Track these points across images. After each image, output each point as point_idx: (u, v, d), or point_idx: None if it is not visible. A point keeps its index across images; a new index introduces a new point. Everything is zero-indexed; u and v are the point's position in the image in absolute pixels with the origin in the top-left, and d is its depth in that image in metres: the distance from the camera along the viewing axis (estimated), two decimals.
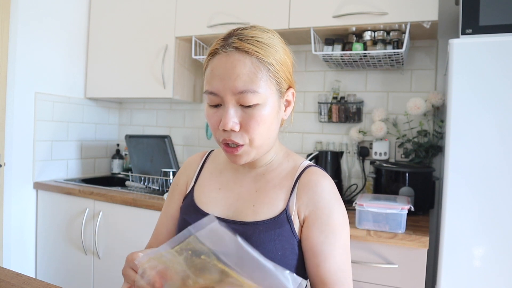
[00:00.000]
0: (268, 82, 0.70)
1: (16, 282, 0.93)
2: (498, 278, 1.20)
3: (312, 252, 0.73)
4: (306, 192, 0.75)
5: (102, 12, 2.38)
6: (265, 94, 0.70)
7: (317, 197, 0.74)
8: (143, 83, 2.23)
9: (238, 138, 0.71)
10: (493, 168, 1.21)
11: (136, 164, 2.19)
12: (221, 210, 0.79)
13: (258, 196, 0.78)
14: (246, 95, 0.68)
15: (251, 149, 0.73)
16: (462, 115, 1.24)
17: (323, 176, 0.77)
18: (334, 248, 0.73)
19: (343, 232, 0.74)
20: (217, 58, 0.71)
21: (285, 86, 0.75)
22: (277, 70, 0.71)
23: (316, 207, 0.74)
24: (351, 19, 1.73)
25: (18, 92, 2.06)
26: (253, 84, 0.68)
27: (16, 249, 2.09)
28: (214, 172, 0.87)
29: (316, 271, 0.72)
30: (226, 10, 1.98)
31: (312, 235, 0.73)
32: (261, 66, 0.69)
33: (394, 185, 1.68)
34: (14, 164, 2.06)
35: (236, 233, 0.67)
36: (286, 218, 0.74)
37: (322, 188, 0.75)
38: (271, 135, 0.75)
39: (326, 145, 2.11)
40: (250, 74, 0.68)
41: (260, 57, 0.69)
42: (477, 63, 1.23)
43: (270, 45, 0.72)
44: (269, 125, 0.72)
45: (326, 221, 0.73)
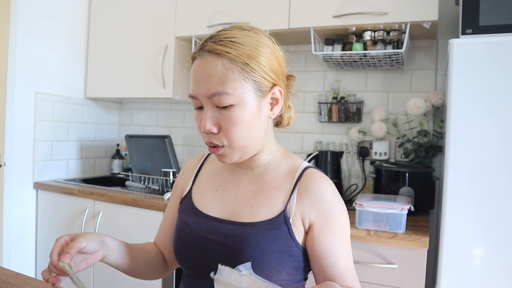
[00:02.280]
0: (241, 82, 0.69)
1: (16, 282, 0.93)
2: (498, 278, 1.20)
3: (328, 254, 0.73)
4: (309, 196, 0.75)
5: (102, 12, 2.38)
6: (239, 95, 0.69)
7: (320, 201, 0.75)
8: (143, 83, 2.23)
9: (217, 139, 0.72)
10: (493, 168, 1.21)
11: (136, 164, 2.19)
12: (218, 211, 0.80)
13: (256, 197, 0.78)
14: (218, 97, 0.69)
15: (233, 150, 0.73)
16: (462, 115, 1.24)
17: (323, 179, 0.77)
18: (343, 246, 0.75)
19: (347, 229, 0.77)
20: (195, 63, 0.73)
21: (267, 85, 0.73)
22: (252, 69, 0.70)
23: (322, 210, 0.74)
24: (351, 19, 1.73)
25: (18, 92, 2.06)
26: (224, 86, 0.69)
27: (16, 249, 2.09)
28: (211, 173, 0.87)
29: (332, 270, 0.73)
30: (226, 10, 1.98)
31: (324, 238, 0.74)
32: (232, 67, 0.69)
33: (394, 185, 1.68)
34: (14, 164, 2.06)
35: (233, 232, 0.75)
36: (284, 220, 0.74)
37: (324, 191, 0.75)
38: (255, 135, 0.74)
39: (326, 145, 2.11)
40: (221, 76, 0.69)
41: (232, 58, 0.69)
42: (477, 63, 1.23)
43: (245, 44, 0.71)
44: (248, 125, 0.72)
45: (334, 222, 0.74)
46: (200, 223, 0.79)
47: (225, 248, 0.74)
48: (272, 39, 0.77)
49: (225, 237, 0.75)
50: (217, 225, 0.77)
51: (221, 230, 0.76)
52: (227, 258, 0.72)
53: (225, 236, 0.75)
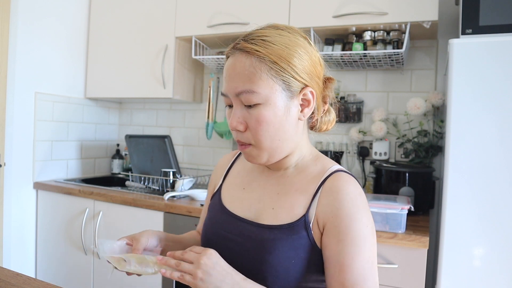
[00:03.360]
0: (269, 81, 0.69)
1: (16, 282, 0.93)
2: (498, 278, 1.20)
3: (329, 262, 0.69)
4: (327, 197, 0.71)
5: (102, 12, 2.38)
6: (266, 94, 0.69)
7: (337, 204, 0.70)
8: (143, 83, 2.23)
9: (244, 138, 0.73)
10: (493, 168, 1.21)
11: (136, 164, 2.19)
12: (243, 210, 0.79)
13: (279, 199, 0.76)
14: (245, 95, 0.69)
15: (259, 151, 0.73)
16: (462, 115, 1.24)
17: (348, 182, 0.72)
18: (353, 260, 0.67)
19: (365, 244, 0.68)
20: (227, 61, 0.73)
21: (297, 85, 0.71)
22: (282, 68, 0.69)
23: (335, 214, 0.69)
24: (351, 19, 1.73)
25: (18, 92, 2.06)
26: (252, 84, 0.69)
27: (16, 249, 2.09)
28: (241, 171, 0.87)
29: (332, 281, 0.68)
30: (226, 10, 1.98)
31: (329, 244, 0.69)
32: (261, 66, 0.68)
33: (394, 185, 1.68)
34: (14, 164, 2.06)
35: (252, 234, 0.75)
36: (304, 225, 0.71)
37: (344, 194, 0.70)
38: (282, 137, 0.72)
39: (326, 145, 2.11)
40: (249, 74, 0.69)
41: (261, 56, 0.68)
42: (477, 63, 1.23)
43: (276, 43, 0.70)
44: (275, 125, 0.70)
45: (345, 230, 0.68)
46: (223, 222, 0.80)
47: (243, 249, 0.74)
48: (309, 40, 0.76)
49: (244, 238, 0.75)
50: (239, 224, 0.77)
51: (242, 230, 0.76)
52: (245, 260, 0.72)
53: (244, 237, 0.75)
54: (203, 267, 0.65)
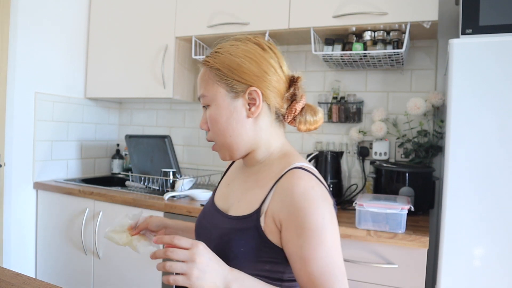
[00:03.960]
0: (214, 85, 0.81)
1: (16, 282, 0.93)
2: (498, 278, 1.20)
3: (293, 257, 0.72)
4: (280, 195, 0.74)
5: (102, 12, 2.38)
6: (212, 96, 0.81)
7: (288, 201, 0.72)
8: (143, 83, 2.23)
9: (209, 136, 0.86)
10: (493, 168, 1.21)
11: (136, 164, 2.19)
12: (222, 203, 0.88)
13: (244, 194, 0.83)
14: (201, 99, 0.84)
15: (219, 147, 0.85)
16: (462, 115, 1.24)
17: (300, 178, 0.74)
18: (315, 251, 0.70)
19: (325, 234, 0.71)
20: None
21: (241, 86, 0.79)
22: (224, 73, 0.80)
23: (289, 211, 0.72)
24: (351, 19, 1.73)
25: (18, 92, 2.06)
26: (203, 89, 0.83)
27: (16, 249, 2.09)
28: (233, 170, 0.97)
29: (299, 275, 0.71)
30: (226, 10, 1.98)
31: (290, 240, 0.72)
32: (209, 73, 0.82)
33: (394, 185, 1.68)
34: (14, 164, 2.06)
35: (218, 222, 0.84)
36: (256, 217, 0.76)
37: (294, 190, 0.72)
38: (233, 134, 0.81)
39: (326, 145, 2.11)
40: (202, 81, 0.83)
41: (209, 65, 0.82)
42: (477, 63, 1.23)
43: (223, 53, 0.82)
44: (223, 124, 0.81)
45: (302, 225, 0.70)
46: (208, 213, 0.89)
47: (211, 237, 0.82)
48: (265, 45, 0.83)
49: (213, 227, 0.84)
50: (215, 215, 0.86)
51: (214, 220, 0.85)
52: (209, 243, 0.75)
53: (214, 226, 0.84)
54: (199, 266, 0.65)
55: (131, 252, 1.85)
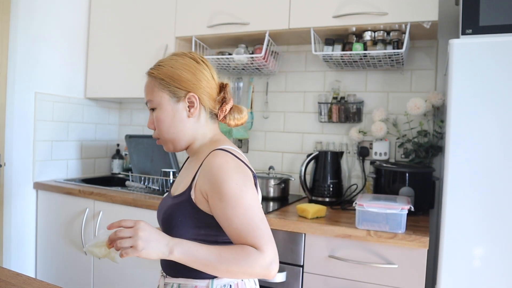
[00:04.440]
0: (159, 92, 0.98)
1: (16, 282, 0.93)
2: (498, 278, 1.20)
3: (220, 218, 0.88)
4: (202, 172, 0.93)
5: (102, 12, 2.38)
6: (158, 101, 0.99)
7: (208, 176, 0.90)
8: (143, 83, 2.21)
9: (155, 134, 1.03)
10: (493, 168, 1.21)
11: (136, 164, 2.19)
12: (173, 189, 1.05)
13: (182, 178, 1.03)
14: (149, 103, 1.01)
15: (164, 142, 1.02)
16: (462, 115, 1.24)
17: (215, 156, 0.92)
18: (235, 210, 0.86)
19: (242, 196, 0.87)
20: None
21: (181, 93, 0.98)
22: (166, 82, 0.98)
23: (210, 183, 0.89)
24: (351, 19, 1.73)
25: (18, 92, 2.06)
26: (150, 95, 1.00)
27: (16, 249, 2.10)
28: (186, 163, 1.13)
29: (229, 232, 0.88)
30: (226, 10, 1.98)
31: (214, 205, 0.89)
32: (154, 82, 1.00)
33: (394, 185, 1.68)
34: (14, 164, 2.06)
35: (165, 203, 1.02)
36: (188, 193, 0.94)
37: (210, 167, 0.90)
38: (175, 130, 0.99)
39: (326, 145, 2.11)
40: (149, 89, 1.01)
41: (153, 75, 1.00)
42: (477, 63, 1.23)
43: (165, 66, 1.00)
44: (168, 122, 0.99)
45: (221, 192, 0.87)
46: (163, 200, 1.07)
47: (160, 215, 1.01)
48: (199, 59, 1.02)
49: (162, 207, 1.02)
50: (166, 200, 1.04)
51: (165, 203, 1.02)
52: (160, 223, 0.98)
53: (163, 206, 1.02)
54: (142, 237, 0.80)
55: None
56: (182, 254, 0.82)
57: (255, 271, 0.84)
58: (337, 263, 1.44)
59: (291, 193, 2.09)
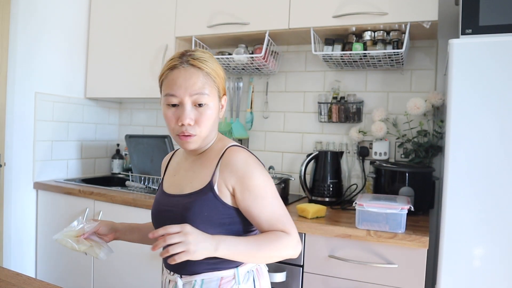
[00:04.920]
0: (212, 89, 0.97)
1: (16, 282, 0.93)
2: (498, 278, 1.20)
3: (250, 208, 0.94)
4: (226, 167, 0.96)
5: (102, 12, 2.38)
6: (210, 97, 0.97)
7: (234, 169, 0.95)
8: (143, 83, 2.23)
9: (192, 130, 0.96)
10: (493, 168, 1.21)
11: (136, 164, 2.19)
12: (173, 189, 1.05)
13: (194, 175, 1.02)
14: (199, 96, 0.95)
15: (199, 139, 0.98)
16: (462, 115, 1.24)
17: (237, 152, 0.98)
18: (265, 200, 0.95)
19: (267, 187, 0.96)
20: (177, 71, 0.97)
21: (221, 93, 1.01)
22: (217, 81, 0.99)
23: (237, 176, 0.94)
24: (351, 19, 1.73)
25: (18, 92, 2.06)
26: (203, 89, 0.95)
27: (16, 249, 2.10)
28: (174, 164, 1.14)
29: (259, 220, 0.94)
30: (226, 10, 1.98)
31: (244, 197, 0.94)
32: (208, 78, 0.97)
33: (394, 185, 1.68)
34: (14, 164, 2.06)
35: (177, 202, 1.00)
36: (210, 188, 0.96)
37: (235, 161, 0.96)
38: (213, 129, 1.01)
39: (326, 145, 2.11)
40: (203, 82, 0.96)
41: (208, 72, 0.97)
42: (477, 63, 1.23)
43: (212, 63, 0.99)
44: (213, 120, 0.99)
45: (250, 184, 0.94)
46: (161, 199, 1.06)
47: (172, 214, 0.98)
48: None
49: (172, 206, 1.00)
50: (170, 199, 1.03)
51: (172, 202, 1.01)
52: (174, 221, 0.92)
53: (173, 205, 1.00)
54: (192, 241, 0.82)
55: (131, 252, 1.85)
56: (227, 249, 0.87)
57: (287, 253, 0.94)
58: (337, 263, 1.45)
59: (291, 193, 2.09)
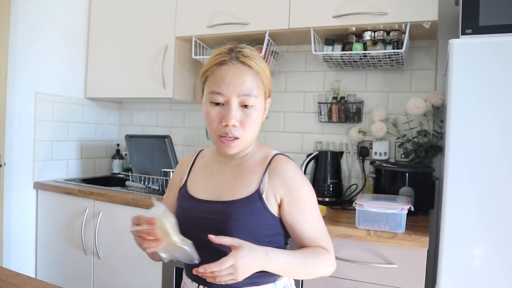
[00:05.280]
0: (260, 90, 0.92)
1: (16, 282, 0.93)
2: (498, 278, 1.20)
3: (296, 221, 0.92)
4: (277, 176, 0.93)
5: (102, 12, 2.38)
6: (258, 99, 0.91)
7: (286, 179, 0.92)
8: (143, 83, 2.23)
9: (236, 132, 0.90)
10: (493, 168, 1.21)
11: (136, 164, 2.19)
12: (207, 194, 0.98)
13: (236, 181, 0.96)
14: (247, 97, 0.89)
15: (242, 142, 0.92)
16: (462, 115, 1.24)
17: (287, 161, 0.96)
18: (311, 214, 0.93)
19: (313, 201, 0.95)
20: (225, 67, 0.89)
21: (267, 94, 0.96)
22: (265, 82, 0.94)
23: (288, 187, 0.92)
24: (351, 19, 1.73)
25: (18, 92, 2.06)
26: (253, 90, 0.90)
27: (16, 249, 2.10)
28: (202, 166, 1.06)
29: (302, 235, 0.92)
30: (226, 10, 1.98)
31: (291, 208, 0.92)
32: (258, 77, 0.91)
33: (394, 185, 1.68)
34: (14, 164, 2.06)
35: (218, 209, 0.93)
36: (258, 196, 0.92)
37: (287, 171, 0.93)
38: (257, 132, 0.95)
39: (326, 145, 2.11)
40: (251, 82, 0.90)
41: (258, 71, 0.91)
42: (477, 63, 1.23)
43: (261, 62, 0.93)
44: (258, 123, 0.93)
45: (299, 195, 0.92)
46: (192, 205, 0.97)
47: (212, 223, 0.91)
48: None
49: (211, 213, 0.93)
50: (206, 205, 0.95)
51: (210, 209, 0.94)
52: (217, 230, 0.87)
53: (211, 213, 0.93)
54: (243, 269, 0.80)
55: (131, 252, 1.85)
56: (275, 265, 0.86)
57: (326, 270, 0.93)
58: (337, 263, 1.43)
59: None
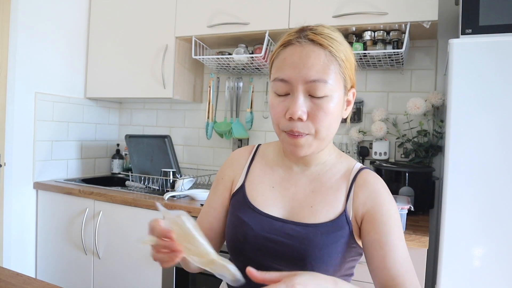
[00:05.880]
0: (337, 76, 0.71)
1: (16, 282, 0.93)
2: (498, 278, 1.20)
3: (378, 243, 0.71)
4: (363, 191, 0.76)
5: (102, 12, 2.38)
6: (334, 87, 0.71)
7: (374, 194, 0.75)
8: (143, 83, 2.23)
9: (304, 127, 0.71)
10: (493, 167, 1.21)
11: (136, 164, 2.19)
12: (278, 209, 0.79)
13: (315, 197, 0.78)
14: (318, 84, 0.69)
15: (314, 141, 0.73)
16: (462, 115, 1.24)
17: (377, 177, 0.79)
18: (398, 239, 0.72)
19: (400, 225, 0.75)
20: (291, 48, 0.72)
21: (349, 84, 0.75)
22: (346, 66, 0.72)
23: (375, 203, 0.74)
24: (351, 19, 1.73)
25: (18, 92, 2.06)
26: (325, 75, 0.69)
27: (16, 249, 2.10)
28: (265, 168, 0.85)
29: (383, 263, 0.70)
30: (226, 10, 1.98)
31: (375, 228, 0.73)
32: (333, 60, 0.70)
33: (394, 185, 1.68)
34: (14, 164, 2.06)
35: (298, 234, 0.74)
36: (345, 221, 0.75)
37: (378, 186, 0.76)
38: (334, 130, 0.75)
39: None
40: (323, 65, 0.69)
41: (333, 52, 0.70)
42: (477, 63, 1.23)
43: (340, 43, 0.73)
44: (334, 119, 0.72)
45: (387, 214, 0.73)
46: (260, 222, 0.77)
47: (290, 249, 0.73)
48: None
49: (289, 238, 0.74)
50: (279, 225, 0.76)
51: (284, 230, 0.75)
52: (292, 259, 0.72)
53: (289, 237, 0.74)
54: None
55: (131, 252, 1.85)
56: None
57: None
58: None
59: None
